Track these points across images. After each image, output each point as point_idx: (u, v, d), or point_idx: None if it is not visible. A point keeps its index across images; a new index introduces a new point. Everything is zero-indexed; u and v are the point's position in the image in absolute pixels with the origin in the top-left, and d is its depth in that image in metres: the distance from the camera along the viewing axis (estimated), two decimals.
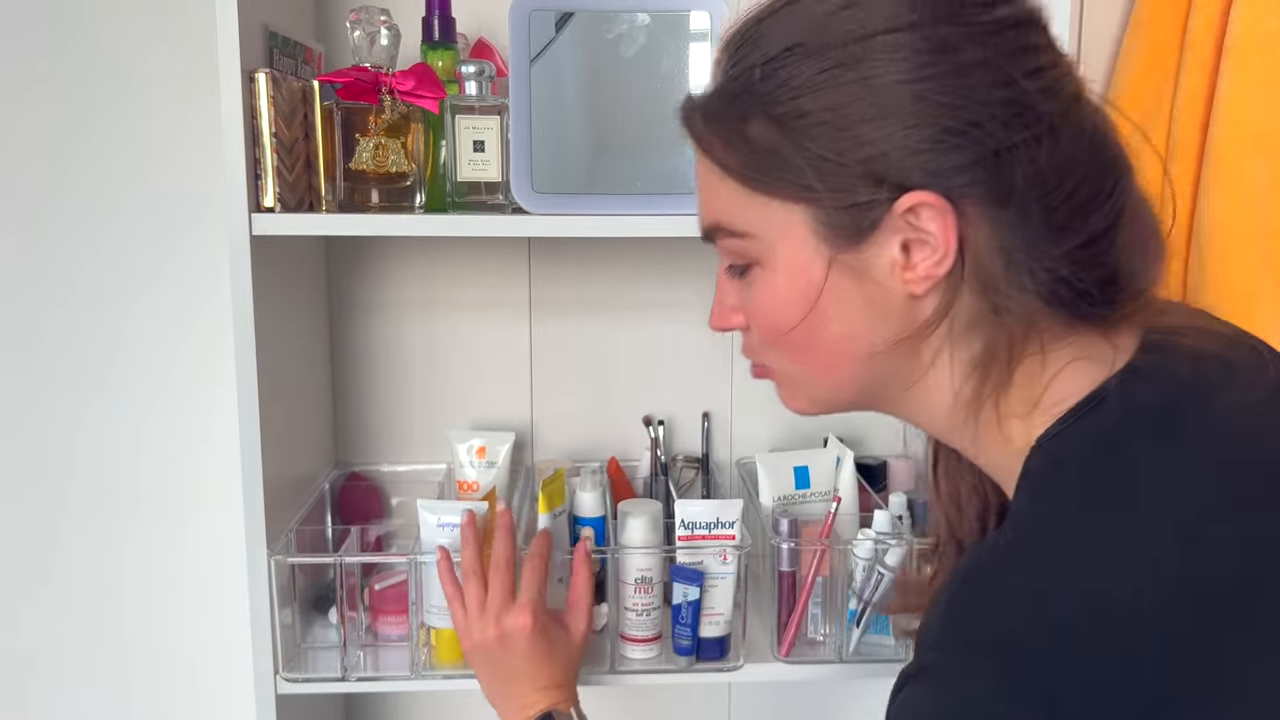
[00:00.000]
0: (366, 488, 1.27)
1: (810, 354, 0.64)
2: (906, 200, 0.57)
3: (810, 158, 0.58)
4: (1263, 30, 1.06)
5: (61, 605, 1.33)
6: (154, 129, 1.25)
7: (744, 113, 0.60)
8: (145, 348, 1.29)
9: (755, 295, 0.65)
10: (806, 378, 0.67)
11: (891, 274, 0.59)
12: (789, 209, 0.60)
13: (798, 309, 0.62)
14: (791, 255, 0.61)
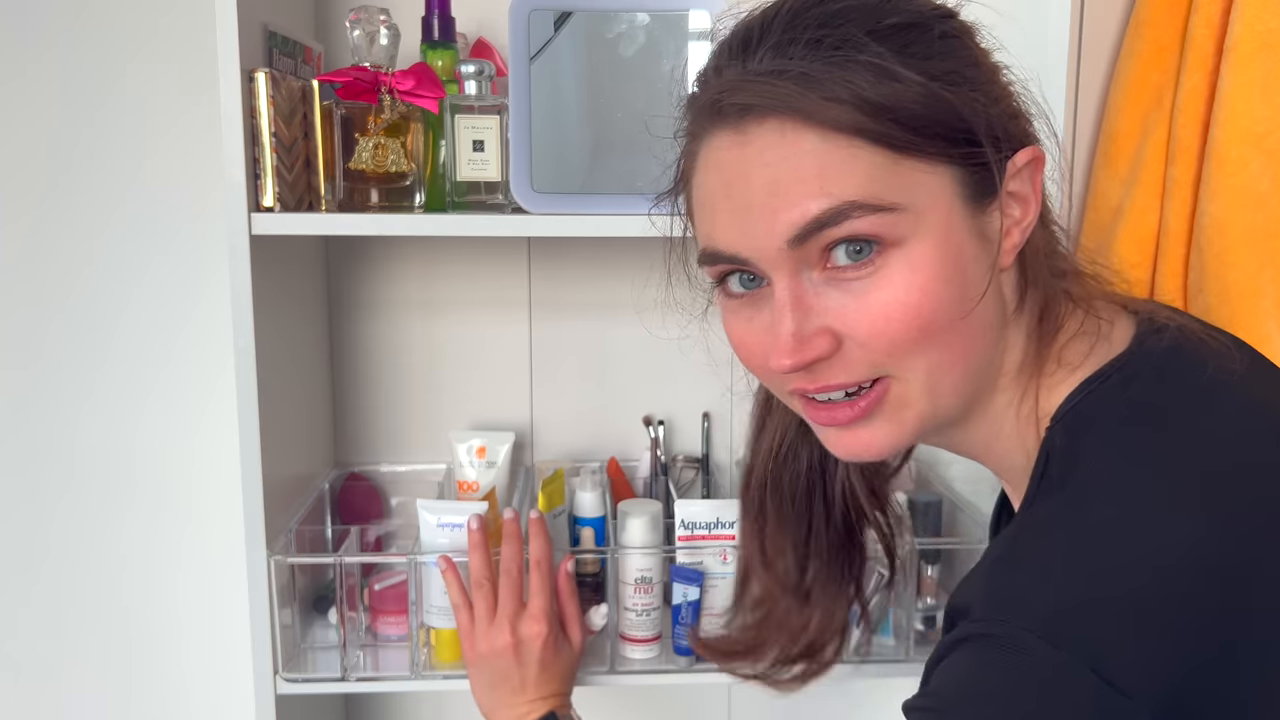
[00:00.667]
0: (366, 488, 1.27)
1: (952, 340, 0.58)
2: (1026, 153, 0.58)
3: (973, 110, 0.56)
4: (1263, 30, 1.06)
5: (61, 605, 1.33)
6: (153, 129, 1.24)
7: (880, 66, 0.54)
8: (145, 347, 1.29)
9: (898, 284, 0.56)
10: (940, 379, 0.59)
11: (996, 243, 0.59)
12: (937, 172, 0.56)
13: (954, 287, 0.56)
14: (942, 222, 0.56)
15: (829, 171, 0.55)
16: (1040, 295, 0.61)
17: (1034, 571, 0.53)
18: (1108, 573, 0.50)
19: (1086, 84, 1.26)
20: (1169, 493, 0.52)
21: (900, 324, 0.56)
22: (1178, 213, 1.12)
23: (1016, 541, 0.57)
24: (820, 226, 0.56)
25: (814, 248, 0.57)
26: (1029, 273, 0.61)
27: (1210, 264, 1.09)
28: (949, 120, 0.55)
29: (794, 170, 0.56)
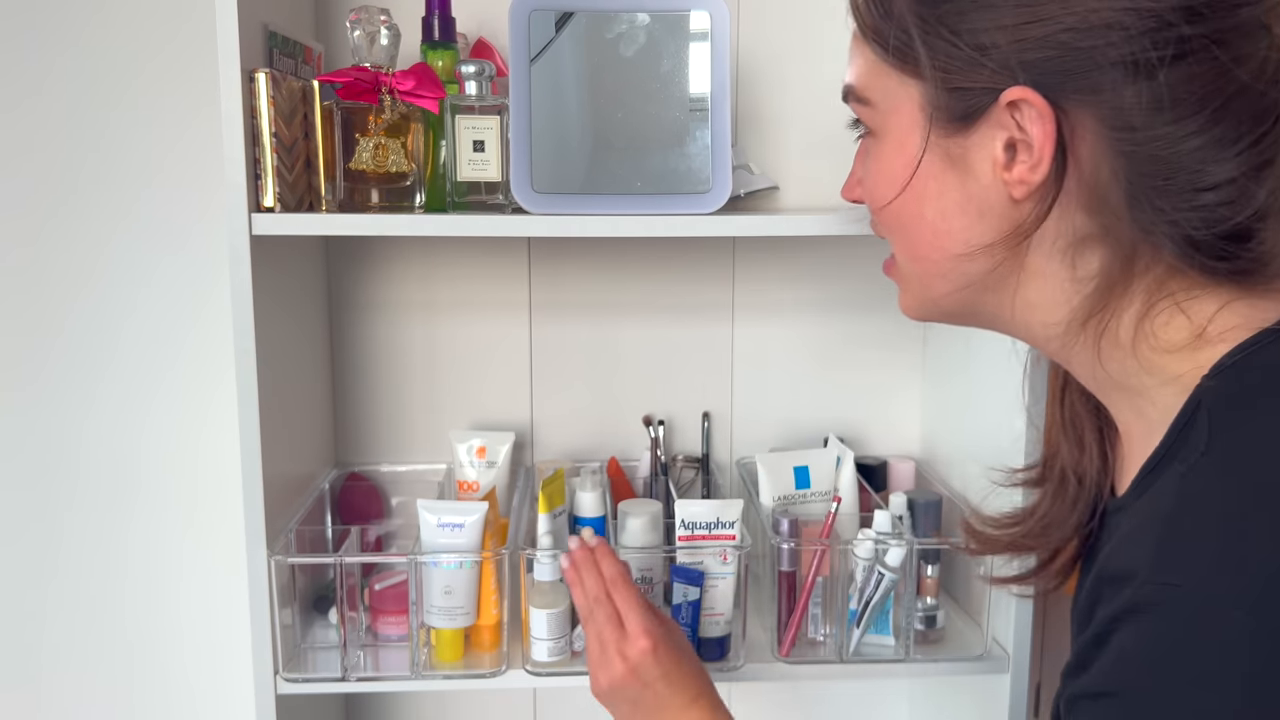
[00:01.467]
0: (366, 488, 1.27)
1: (907, 238, 0.66)
2: (1009, 94, 0.57)
3: (931, 34, 0.59)
4: None
5: (62, 605, 1.33)
6: (154, 129, 1.25)
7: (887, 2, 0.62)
8: (146, 347, 1.29)
9: (870, 165, 0.68)
10: (909, 271, 0.68)
11: (992, 172, 0.60)
12: (906, 83, 0.62)
13: (896, 184, 0.64)
14: (900, 129, 0.63)
15: (854, 55, 0.67)
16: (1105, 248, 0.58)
17: (1227, 534, 0.48)
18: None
19: None
20: None
21: (868, 201, 0.69)
22: None
23: (1189, 501, 0.51)
24: (845, 98, 0.69)
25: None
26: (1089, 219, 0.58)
27: None
28: (912, 47, 0.60)
29: (851, 47, 0.68)
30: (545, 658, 1.04)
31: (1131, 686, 0.48)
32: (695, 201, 1.01)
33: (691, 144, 1.02)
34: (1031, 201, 0.59)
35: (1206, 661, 0.46)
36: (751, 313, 1.32)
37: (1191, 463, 0.53)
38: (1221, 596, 0.46)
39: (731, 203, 1.05)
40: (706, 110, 1.01)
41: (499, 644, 1.06)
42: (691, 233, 1.00)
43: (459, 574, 1.02)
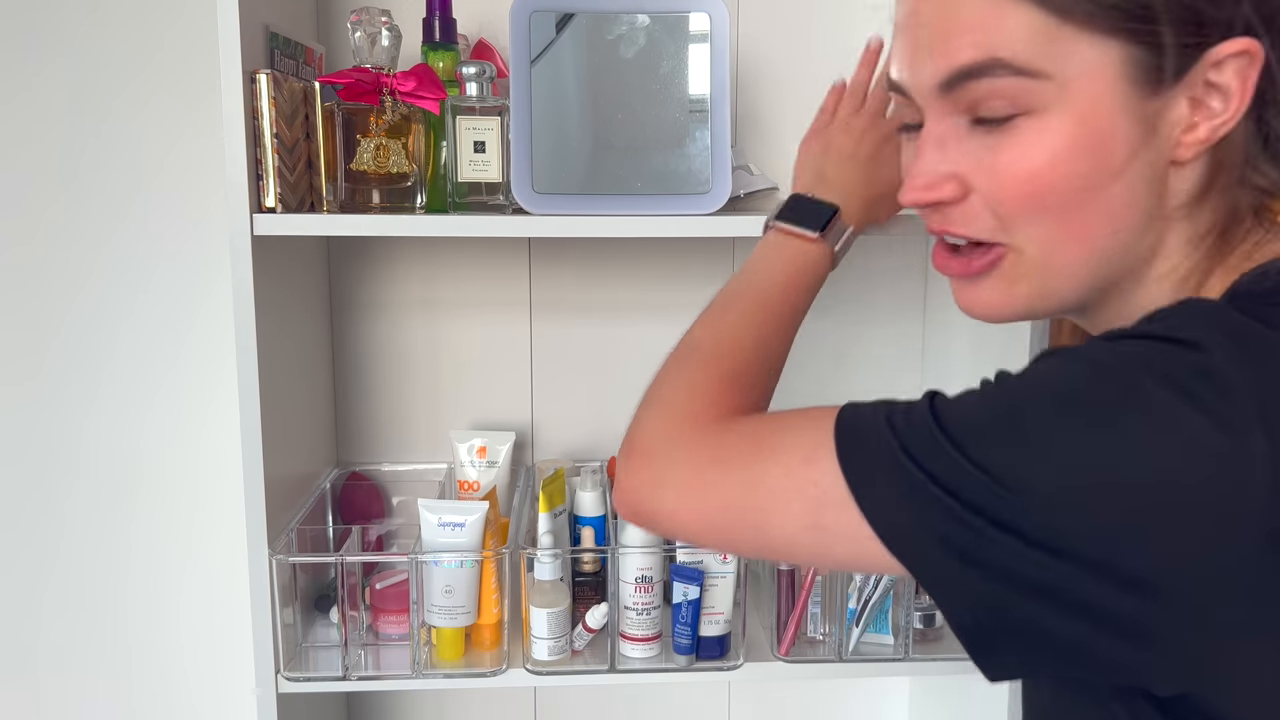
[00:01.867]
0: (367, 487, 1.27)
1: (1074, 220, 0.57)
2: (1232, 45, 0.54)
3: None
4: None
5: (63, 604, 1.34)
6: (155, 130, 1.25)
7: None
8: (147, 347, 1.29)
9: (1023, 147, 0.56)
10: (1055, 256, 0.59)
11: (1171, 134, 0.56)
12: (1101, 44, 0.54)
13: (1082, 164, 0.56)
14: (1091, 98, 0.55)
15: (988, 22, 0.56)
16: (1223, 203, 0.58)
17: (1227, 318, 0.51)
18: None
19: None
20: None
21: (1014, 188, 0.57)
22: None
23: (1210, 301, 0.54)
24: (965, 77, 0.57)
25: (963, 96, 0.58)
26: (1216, 174, 0.57)
27: None
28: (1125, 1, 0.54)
29: (957, 16, 0.57)
30: (546, 657, 1.05)
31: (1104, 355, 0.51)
32: (695, 202, 1.01)
33: (691, 145, 1.02)
34: (1196, 164, 0.57)
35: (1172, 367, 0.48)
36: None
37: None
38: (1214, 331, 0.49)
39: (731, 203, 1.06)
40: (706, 111, 1.02)
41: (499, 643, 1.07)
42: (691, 233, 1.00)
43: (460, 573, 1.03)
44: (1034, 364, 0.54)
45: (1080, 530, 0.47)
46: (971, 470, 0.49)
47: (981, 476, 0.49)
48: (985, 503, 0.49)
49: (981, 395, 0.54)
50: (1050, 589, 0.49)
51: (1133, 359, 0.49)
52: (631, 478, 0.66)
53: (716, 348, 0.74)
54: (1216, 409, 0.46)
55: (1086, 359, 0.51)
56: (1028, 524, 0.48)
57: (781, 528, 0.57)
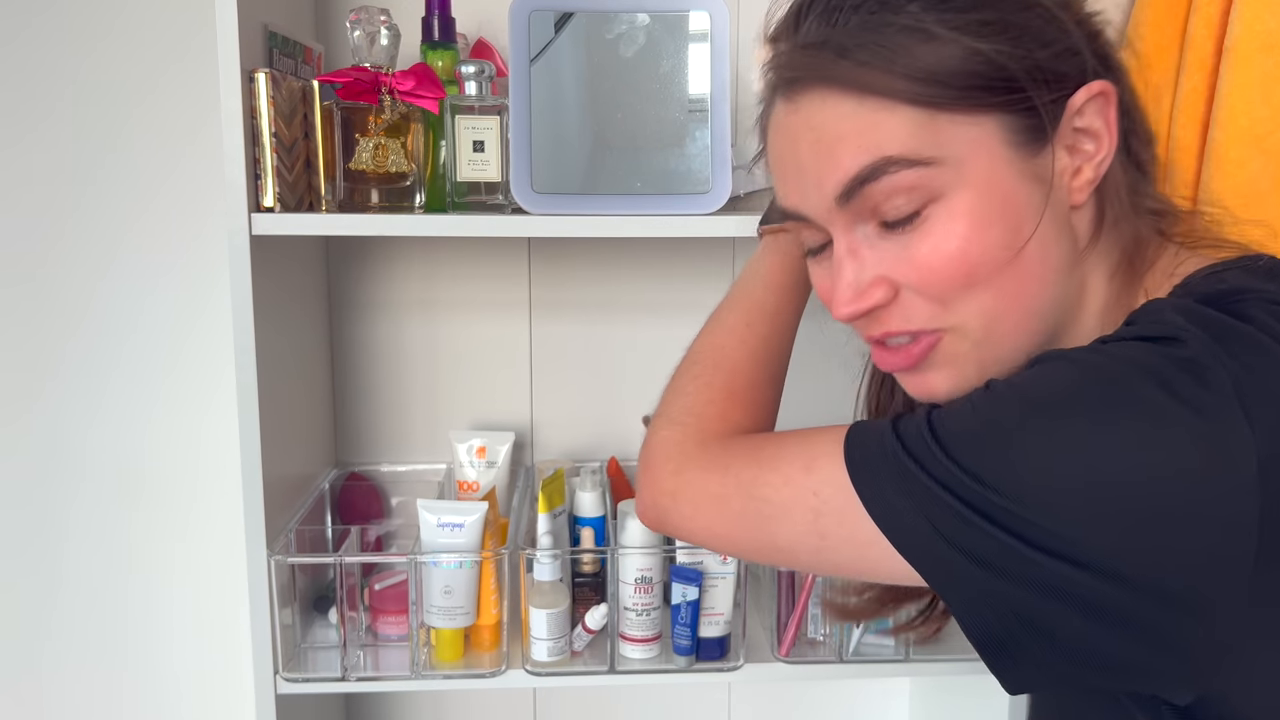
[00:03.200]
0: (366, 488, 1.27)
1: (1005, 285, 0.58)
2: (1090, 89, 0.57)
3: (1009, 56, 0.56)
4: (1263, 30, 1.06)
5: (62, 604, 1.33)
6: (154, 129, 1.25)
7: (908, 32, 0.56)
8: (146, 347, 1.29)
9: (938, 235, 0.57)
10: (996, 324, 0.59)
11: (1063, 182, 0.59)
12: (978, 121, 0.56)
13: (997, 232, 0.57)
14: (984, 172, 0.57)
15: (868, 130, 0.57)
16: (1124, 232, 0.61)
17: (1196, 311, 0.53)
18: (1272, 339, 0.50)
19: None
20: None
21: (944, 272, 0.58)
22: None
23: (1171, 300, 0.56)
24: (861, 183, 0.58)
25: (863, 203, 0.59)
26: (1109, 209, 0.60)
27: None
28: (988, 72, 0.56)
29: (835, 132, 0.58)
30: (545, 658, 1.04)
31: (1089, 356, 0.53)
32: (695, 202, 1.01)
33: (691, 144, 1.02)
34: (1088, 205, 0.60)
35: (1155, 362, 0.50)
36: None
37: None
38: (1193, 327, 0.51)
39: (731, 203, 1.05)
40: (706, 111, 1.01)
41: (499, 644, 1.06)
42: (691, 233, 1.00)
43: (459, 574, 1.02)
44: (1027, 369, 0.56)
45: (1077, 531, 0.48)
46: (964, 477, 0.51)
47: (974, 483, 0.50)
48: (983, 507, 0.50)
49: (974, 403, 0.55)
50: (1054, 590, 0.49)
51: (1117, 359, 0.51)
52: (649, 493, 0.70)
53: (716, 361, 0.76)
54: (1199, 399, 0.48)
55: (1073, 361, 0.53)
56: (1026, 527, 0.49)
57: (786, 536, 0.60)
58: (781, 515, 0.60)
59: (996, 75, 0.56)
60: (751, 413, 0.73)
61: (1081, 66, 0.58)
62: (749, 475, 0.63)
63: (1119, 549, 0.48)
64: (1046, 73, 0.57)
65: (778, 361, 0.78)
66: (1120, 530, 0.48)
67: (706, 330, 0.79)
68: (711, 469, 0.66)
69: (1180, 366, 0.49)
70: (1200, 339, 0.49)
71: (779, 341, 0.78)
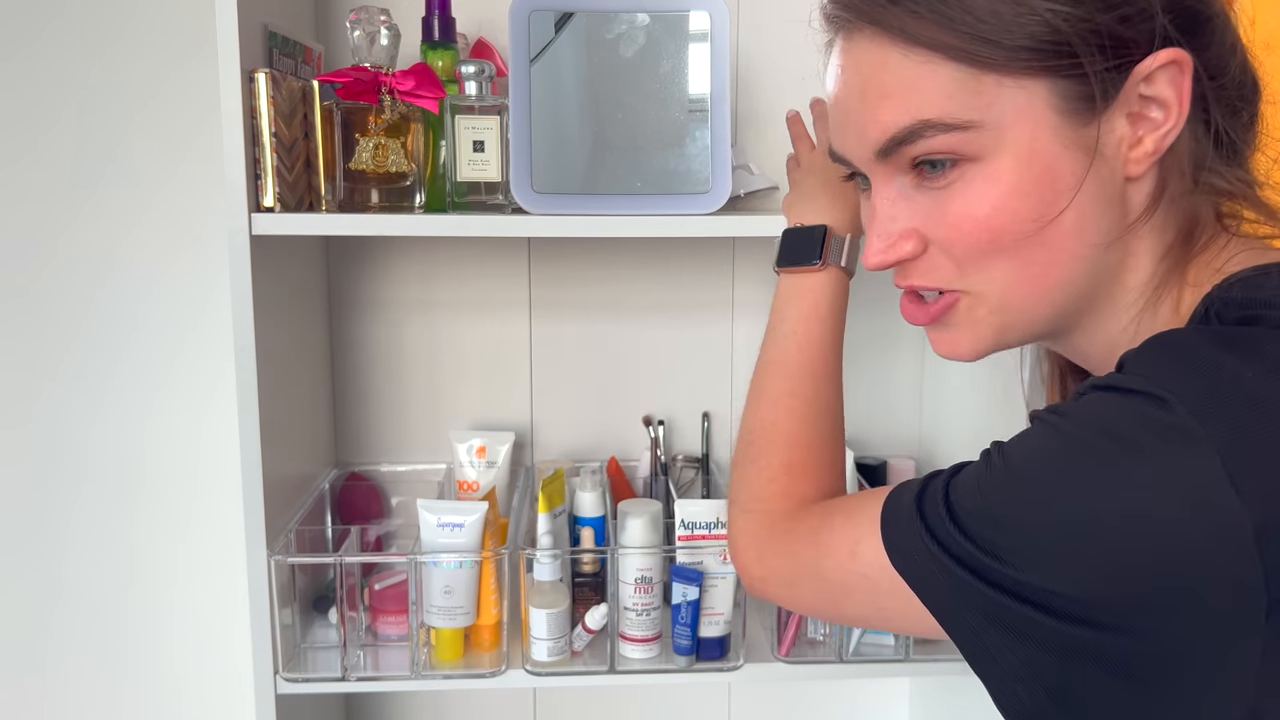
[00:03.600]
0: (366, 488, 1.27)
1: (1033, 255, 0.57)
2: (1158, 58, 0.54)
3: (1063, 20, 0.53)
4: (1264, 30, 1.06)
5: (62, 605, 1.33)
6: (153, 129, 1.25)
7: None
8: (146, 347, 1.29)
9: (970, 197, 0.57)
10: (1015, 293, 0.59)
11: (1118, 153, 0.56)
12: (1025, 85, 0.55)
13: (1031, 203, 0.56)
14: (1027, 138, 0.55)
15: (909, 87, 0.57)
16: (1181, 210, 0.58)
17: (1198, 358, 0.51)
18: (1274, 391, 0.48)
19: None
20: None
21: (970, 236, 0.57)
22: None
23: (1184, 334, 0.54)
24: (898, 143, 0.58)
25: (902, 159, 0.59)
26: (1170, 184, 0.58)
27: None
28: (1042, 34, 0.54)
29: (880, 83, 0.58)
30: (545, 658, 1.04)
31: (1072, 422, 0.52)
32: (695, 202, 1.01)
33: (691, 144, 1.02)
34: (1149, 176, 0.57)
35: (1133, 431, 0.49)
36: (751, 312, 1.32)
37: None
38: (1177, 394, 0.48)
39: (731, 203, 1.05)
40: (706, 110, 1.01)
41: (499, 644, 1.06)
42: (691, 233, 1.00)
43: (459, 574, 1.02)
44: (1021, 436, 0.55)
45: (1079, 594, 0.49)
46: (983, 556, 0.52)
47: (992, 561, 0.52)
48: (1004, 583, 0.51)
49: (979, 478, 0.55)
50: (1077, 650, 0.50)
51: (1102, 422, 0.50)
52: (744, 578, 0.75)
53: (770, 437, 0.78)
54: (1183, 471, 0.47)
55: (1056, 427, 0.52)
56: (1044, 596, 0.50)
57: (854, 610, 0.64)
58: (844, 594, 0.63)
59: (1050, 38, 0.54)
60: (815, 478, 0.76)
61: (1152, 32, 0.54)
62: (810, 560, 0.66)
63: (1112, 610, 0.49)
64: (1107, 38, 0.54)
65: (829, 416, 0.80)
66: (1112, 592, 0.48)
67: (751, 402, 0.81)
68: (782, 555, 0.70)
69: (1164, 436, 0.48)
70: (1189, 402, 0.48)
71: (826, 396, 0.80)
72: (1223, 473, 0.46)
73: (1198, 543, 0.47)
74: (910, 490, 0.58)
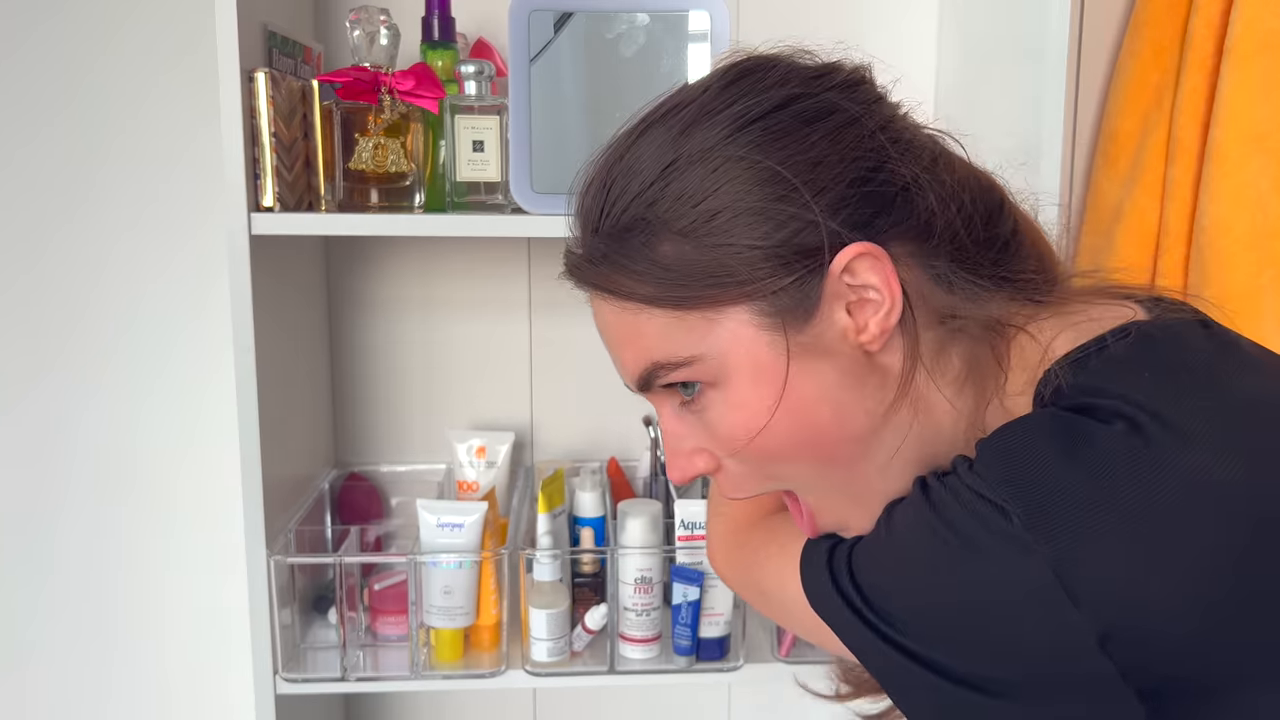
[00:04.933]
0: (366, 488, 1.27)
1: (820, 452, 0.59)
2: (844, 256, 0.56)
3: (736, 253, 0.56)
4: (1263, 30, 1.06)
5: (61, 605, 1.33)
6: (153, 129, 1.24)
7: (646, 240, 0.58)
8: (146, 347, 1.29)
9: (728, 419, 0.59)
10: (847, 490, 0.61)
11: (845, 340, 0.57)
12: (728, 314, 0.57)
13: (782, 412, 0.58)
14: (747, 359, 0.57)
15: (635, 333, 0.60)
16: (952, 348, 0.59)
17: (1032, 465, 0.52)
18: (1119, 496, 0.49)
19: (1086, 84, 1.26)
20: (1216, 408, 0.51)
21: (745, 452, 0.59)
22: (1178, 213, 1.12)
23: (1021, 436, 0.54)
24: (645, 384, 0.61)
25: (658, 391, 0.62)
26: (922, 339, 0.59)
27: (1210, 264, 1.09)
28: (718, 269, 0.56)
29: (615, 333, 0.62)
30: (545, 658, 1.04)
31: (899, 524, 0.58)
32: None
33: None
34: (893, 345, 0.58)
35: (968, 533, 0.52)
36: None
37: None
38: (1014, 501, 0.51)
39: None
40: None
41: (498, 644, 1.06)
42: None
43: (458, 574, 1.02)
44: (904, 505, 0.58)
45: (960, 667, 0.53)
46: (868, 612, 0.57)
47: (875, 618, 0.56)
48: (890, 637, 0.56)
49: (874, 538, 0.59)
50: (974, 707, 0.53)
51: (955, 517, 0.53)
52: (715, 572, 0.80)
53: None
54: (1021, 575, 0.49)
55: (921, 512, 0.55)
56: (925, 658, 0.54)
57: (797, 628, 0.68)
58: (786, 615, 0.68)
59: (729, 272, 0.56)
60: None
61: (829, 235, 0.56)
62: (756, 576, 0.71)
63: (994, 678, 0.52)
64: (786, 256, 0.56)
65: None
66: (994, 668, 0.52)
67: None
68: (735, 564, 0.75)
69: (1006, 543, 0.50)
70: (1023, 515, 0.49)
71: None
72: (1058, 585, 0.48)
73: (1044, 638, 0.49)
74: (823, 543, 0.62)
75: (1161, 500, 0.48)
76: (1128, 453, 0.49)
